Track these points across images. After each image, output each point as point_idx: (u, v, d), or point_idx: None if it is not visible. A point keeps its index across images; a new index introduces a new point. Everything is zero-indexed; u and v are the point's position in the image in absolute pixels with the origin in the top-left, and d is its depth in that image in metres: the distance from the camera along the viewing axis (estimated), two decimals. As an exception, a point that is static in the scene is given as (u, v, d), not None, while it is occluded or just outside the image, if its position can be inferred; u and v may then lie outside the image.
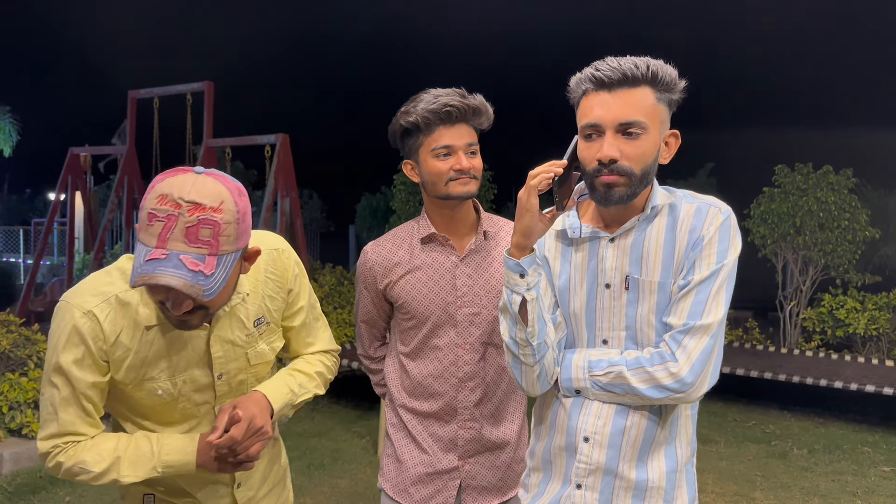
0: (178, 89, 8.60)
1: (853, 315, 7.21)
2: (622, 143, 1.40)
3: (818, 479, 4.71)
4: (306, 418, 5.90)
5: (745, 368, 6.22)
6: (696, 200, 1.50)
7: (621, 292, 1.49)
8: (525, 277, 1.44)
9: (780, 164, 7.89)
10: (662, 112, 1.44)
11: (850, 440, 5.50)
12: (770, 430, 5.78)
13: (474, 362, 1.92)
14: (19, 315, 6.92)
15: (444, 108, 1.77)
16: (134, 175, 8.84)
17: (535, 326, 1.46)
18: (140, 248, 1.28)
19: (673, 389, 1.41)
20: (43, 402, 1.47)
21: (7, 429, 4.77)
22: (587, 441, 1.51)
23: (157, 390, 1.48)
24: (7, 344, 5.12)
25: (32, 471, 4.58)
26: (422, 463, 1.96)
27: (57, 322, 1.43)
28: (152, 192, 1.29)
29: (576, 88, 1.46)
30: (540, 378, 1.52)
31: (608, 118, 1.40)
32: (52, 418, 1.46)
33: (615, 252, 1.50)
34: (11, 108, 17.82)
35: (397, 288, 1.94)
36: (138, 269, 1.26)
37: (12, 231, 18.72)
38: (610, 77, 1.39)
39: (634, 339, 1.50)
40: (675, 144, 1.50)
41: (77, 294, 1.43)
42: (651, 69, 1.39)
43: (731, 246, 1.45)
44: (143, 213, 1.29)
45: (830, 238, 7.50)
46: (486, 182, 9.42)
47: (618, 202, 1.43)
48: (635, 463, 1.50)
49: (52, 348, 1.43)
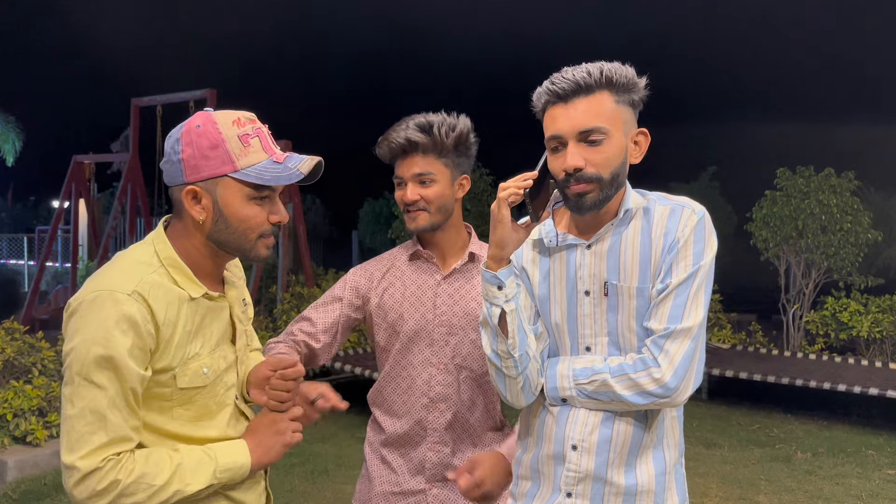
0: (180, 97, 8.64)
1: (856, 318, 7.20)
2: (585, 151, 1.42)
3: (822, 482, 4.70)
4: (309, 424, 5.90)
5: (749, 372, 6.21)
6: (669, 202, 1.50)
7: (601, 299, 1.50)
8: (503, 289, 1.45)
9: (781, 167, 7.89)
10: (624, 113, 1.45)
11: (854, 443, 5.49)
12: (774, 434, 5.78)
13: (447, 384, 1.89)
14: (23, 322, 6.94)
15: (390, 143, 1.82)
16: (137, 182, 8.87)
17: (515, 338, 1.47)
18: (256, 167, 1.35)
19: (657, 395, 1.42)
20: (78, 412, 1.26)
21: (12, 436, 4.79)
22: (575, 449, 1.51)
23: (202, 368, 1.40)
24: (11, 351, 5.14)
25: (37, 478, 4.59)
26: (388, 482, 1.94)
27: (95, 314, 1.28)
28: (220, 125, 1.34)
29: (537, 103, 1.48)
30: (524, 389, 1.53)
31: (567, 128, 1.42)
32: (97, 426, 1.26)
33: (592, 259, 1.51)
34: (16, 117, 17.89)
35: (379, 299, 1.94)
36: (278, 175, 1.35)
37: (17, 238, 18.77)
38: (564, 89, 1.42)
39: (617, 344, 1.50)
40: (646, 142, 1.51)
41: (111, 281, 1.31)
42: (605, 74, 1.41)
43: (706, 247, 1.46)
44: (230, 143, 1.34)
45: (833, 241, 7.50)
46: (488, 187, 9.45)
47: (591, 209, 1.44)
48: (624, 468, 1.50)
49: (91, 343, 1.26)
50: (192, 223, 1.39)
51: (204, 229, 1.39)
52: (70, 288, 9.53)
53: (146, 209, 9.23)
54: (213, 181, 1.35)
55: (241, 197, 1.37)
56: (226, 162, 1.34)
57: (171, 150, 1.36)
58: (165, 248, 1.39)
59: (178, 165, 1.35)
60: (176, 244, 1.41)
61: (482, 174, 9.49)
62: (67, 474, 1.26)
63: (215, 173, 1.34)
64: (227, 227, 1.38)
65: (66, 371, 1.29)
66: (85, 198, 9.76)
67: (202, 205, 1.36)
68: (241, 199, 1.37)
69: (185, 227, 1.40)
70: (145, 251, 1.39)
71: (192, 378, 1.39)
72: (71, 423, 1.26)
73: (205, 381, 1.41)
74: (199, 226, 1.39)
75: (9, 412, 4.77)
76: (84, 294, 1.31)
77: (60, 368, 5.32)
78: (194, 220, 1.38)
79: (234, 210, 1.37)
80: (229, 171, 1.34)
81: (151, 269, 1.36)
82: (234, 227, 1.38)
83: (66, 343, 1.30)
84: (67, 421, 1.27)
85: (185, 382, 1.38)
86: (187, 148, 1.34)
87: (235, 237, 1.39)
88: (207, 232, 1.39)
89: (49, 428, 4.90)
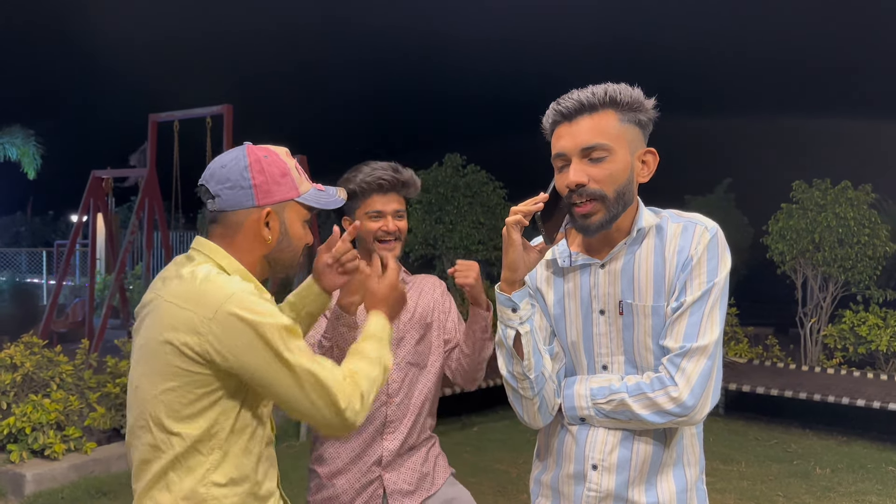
0: (197, 112, 8.74)
1: (875, 332, 7.13)
2: (588, 168, 1.43)
3: (841, 499, 4.64)
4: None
5: (766, 386, 6.16)
6: (681, 220, 1.51)
7: (616, 317, 1.51)
8: (517, 311, 1.46)
9: (797, 180, 7.85)
10: (630, 132, 1.46)
11: (873, 459, 5.42)
12: (792, 450, 5.71)
13: (400, 380, 2.17)
14: (42, 336, 7.00)
15: (377, 180, 2.11)
16: (154, 197, 8.96)
17: (531, 359, 1.48)
18: (310, 194, 1.56)
19: (675, 414, 1.42)
20: (307, 374, 1.38)
21: (30, 450, 4.83)
22: (595, 469, 1.52)
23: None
24: (30, 366, 5.19)
25: (54, 492, 4.62)
26: (348, 480, 2.16)
27: (247, 304, 1.36)
28: (280, 156, 1.53)
29: (545, 124, 1.52)
30: (541, 410, 1.54)
31: (571, 146, 1.44)
32: (330, 373, 1.42)
33: (606, 278, 1.51)
34: (36, 132, 18.14)
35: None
36: (328, 200, 1.60)
37: (35, 252, 18.99)
38: (569, 108, 1.45)
39: (633, 363, 1.51)
40: (654, 162, 1.51)
41: (227, 284, 1.40)
42: (609, 94, 1.44)
43: (720, 263, 1.46)
44: (293, 172, 1.53)
45: (850, 254, 7.43)
46: (501, 201, 9.44)
47: (598, 229, 1.45)
48: (644, 487, 1.51)
49: (261, 320, 1.36)
50: (254, 242, 1.51)
51: (267, 249, 1.52)
52: (87, 302, 9.61)
53: (163, 223, 9.31)
54: (281, 205, 1.51)
55: (300, 219, 1.56)
56: (292, 188, 1.52)
57: (238, 178, 1.47)
58: (230, 262, 1.49)
59: (248, 191, 1.47)
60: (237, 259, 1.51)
61: (495, 188, 9.50)
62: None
63: (285, 197, 1.51)
64: (288, 246, 1.55)
65: (272, 349, 1.37)
66: (103, 212, 9.86)
67: (271, 226, 1.50)
68: (299, 221, 1.56)
69: (240, 247, 1.51)
70: (207, 266, 1.45)
71: None
72: (314, 383, 1.39)
73: None
74: (261, 246, 1.52)
75: (27, 426, 4.82)
76: (217, 302, 1.36)
77: (79, 382, 5.38)
78: (262, 239, 1.50)
79: (295, 231, 1.55)
80: (295, 196, 1.53)
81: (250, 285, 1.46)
82: (293, 246, 1.56)
83: (237, 349, 1.36)
84: (307, 384, 1.39)
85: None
86: (259, 175, 1.48)
87: (291, 255, 1.57)
88: (269, 252, 1.53)
89: (67, 442, 4.94)
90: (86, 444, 5.02)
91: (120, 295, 9.40)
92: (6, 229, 27.07)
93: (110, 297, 8.59)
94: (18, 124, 17.92)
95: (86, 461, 4.93)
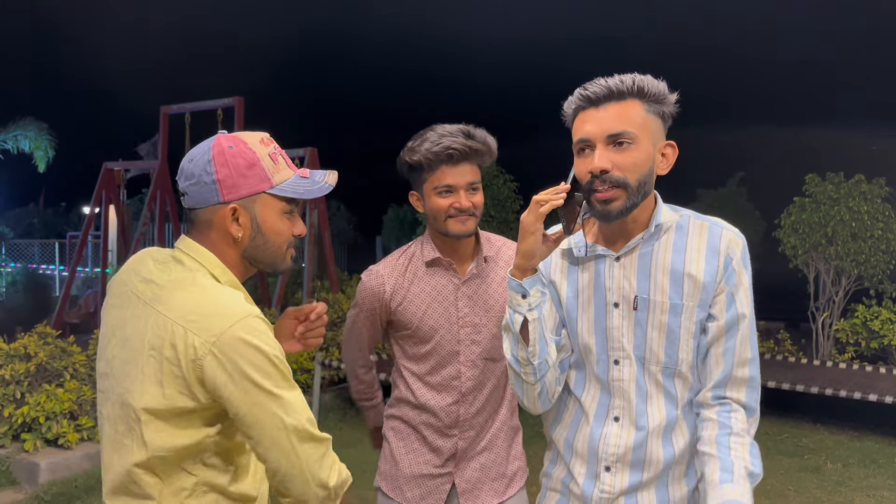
0: (209, 105, 8.77)
1: (888, 326, 7.08)
2: (613, 155, 1.43)
3: (853, 493, 4.62)
4: (334, 429, 5.93)
5: (777, 381, 6.13)
6: (704, 219, 1.53)
7: (630, 312, 1.51)
8: (527, 298, 1.46)
9: (810, 174, 7.79)
10: (654, 123, 1.47)
11: (885, 454, 5.39)
12: (803, 444, 5.69)
13: (475, 377, 2.03)
14: (55, 326, 7.06)
15: (446, 150, 1.86)
16: (166, 189, 9.00)
17: (536, 346, 1.48)
18: (288, 183, 1.42)
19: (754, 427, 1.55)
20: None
21: (44, 439, 4.87)
22: (608, 470, 1.52)
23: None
24: (44, 356, 5.23)
25: (68, 480, 4.66)
26: (418, 463, 2.08)
27: (256, 334, 1.31)
28: (251, 144, 1.39)
29: (567, 110, 1.51)
30: (541, 396, 1.55)
31: (597, 131, 1.44)
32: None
33: (622, 271, 1.51)
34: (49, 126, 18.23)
35: (403, 308, 2.03)
36: (310, 188, 1.44)
37: (48, 244, 19.13)
38: (597, 94, 1.45)
39: (643, 358, 1.51)
40: (673, 155, 1.52)
41: (237, 307, 1.33)
42: (637, 83, 1.44)
43: (749, 275, 1.52)
44: (265, 162, 1.39)
45: (863, 248, 7.38)
46: (512, 194, 9.43)
47: (618, 216, 1.45)
48: (656, 486, 1.51)
49: (266, 352, 1.32)
50: (226, 241, 1.41)
51: (240, 246, 1.42)
52: (99, 293, 9.67)
53: (175, 215, 9.36)
54: (251, 199, 1.39)
55: (276, 212, 1.42)
56: (263, 179, 1.39)
57: (201, 173, 1.37)
58: (224, 272, 1.41)
59: (211, 186, 1.37)
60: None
61: (506, 181, 9.48)
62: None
63: (254, 191, 1.39)
64: (264, 241, 1.43)
65: (263, 386, 1.30)
66: (115, 204, 9.92)
67: (241, 223, 1.39)
68: (276, 214, 1.43)
69: (216, 246, 1.42)
70: (203, 276, 1.38)
71: None
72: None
73: None
74: (233, 243, 1.42)
75: (41, 415, 4.86)
76: (222, 326, 1.28)
77: (92, 373, 5.41)
78: (231, 237, 1.40)
79: (270, 225, 1.42)
80: (267, 188, 1.40)
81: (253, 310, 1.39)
82: (270, 242, 1.44)
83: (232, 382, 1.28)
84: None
85: None
86: (222, 169, 1.37)
87: (271, 251, 1.45)
88: (243, 249, 1.43)
89: (80, 431, 4.98)
90: (98, 434, 5.05)
91: (132, 286, 9.44)
92: (19, 221, 27.23)
93: (122, 288, 8.63)
94: (31, 117, 18.01)
95: (99, 450, 4.96)
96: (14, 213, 28.02)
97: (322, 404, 6.21)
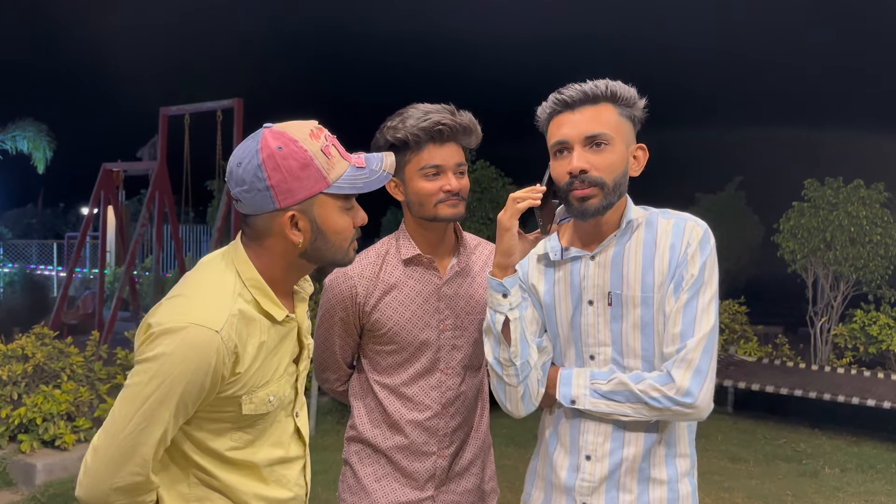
0: (208, 106, 8.75)
1: (886, 331, 7.08)
2: (590, 156, 1.48)
3: (850, 499, 4.62)
4: (332, 431, 5.93)
5: (775, 385, 6.13)
6: (672, 216, 1.57)
7: (605, 308, 1.55)
8: (508, 297, 1.50)
9: (809, 179, 7.80)
10: (626, 127, 1.53)
11: (883, 459, 5.39)
12: (801, 449, 5.69)
13: (455, 387, 1.84)
14: (53, 327, 7.05)
15: (435, 126, 1.69)
16: (165, 190, 8.99)
17: (517, 346, 1.51)
18: (345, 177, 1.33)
19: (681, 403, 1.44)
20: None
21: (41, 440, 4.86)
22: (589, 459, 1.55)
23: (269, 396, 1.37)
24: (41, 357, 5.22)
25: (65, 481, 4.65)
26: (393, 490, 1.86)
27: (180, 352, 1.24)
28: (301, 142, 1.29)
29: (541, 115, 1.56)
30: (524, 399, 1.57)
31: (574, 133, 1.49)
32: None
33: (596, 269, 1.56)
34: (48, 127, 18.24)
35: (378, 312, 1.81)
36: (368, 180, 1.35)
37: (46, 245, 19.08)
38: (573, 97, 1.50)
39: (620, 352, 1.55)
40: (644, 157, 1.58)
41: (201, 312, 1.27)
42: (610, 88, 1.50)
43: (709, 258, 1.51)
44: (318, 159, 1.29)
45: (862, 253, 7.39)
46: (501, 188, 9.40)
47: (595, 214, 1.49)
48: (636, 477, 1.54)
49: (170, 381, 1.25)
50: (285, 247, 1.35)
51: (300, 250, 1.35)
52: (97, 294, 9.65)
53: (173, 216, 9.35)
54: (308, 202, 1.31)
55: (336, 210, 1.35)
56: (319, 179, 1.30)
57: (252, 179, 1.28)
58: (248, 269, 1.35)
59: (265, 193, 1.28)
60: (259, 264, 1.36)
61: (504, 184, 9.46)
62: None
63: (311, 193, 1.30)
64: (325, 242, 1.36)
65: (135, 383, 1.25)
66: (113, 205, 9.90)
67: (300, 227, 1.32)
68: (336, 212, 1.35)
69: (272, 250, 1.35)
70: (228, 274, 1.35)
71: (257, 406, 1.36)
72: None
73: (269, 409, 1.38)
74: (293, 248, 1.35)
75: (38, 416, 4.85)
76: (171, 320, 1.25)
77: (90, 374, 5.40)
78: (291, 243, 1.33)
79: (331, 224, 1.35)
80: (324, 188, 1.31)
81: (236, 293, 1.32)
82: (332, 241, 1.36)
83: (144, 362, 1.25)
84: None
85: (249, 410, 1.35)
86: (274, 173, 1.27)
87: (333, 250, 1.38)
88: (303, 251, 1.36)
89: (77, 432, 4.97)
90: (96, 435, 5.05)
91: (130, 287, 9.45)
92: (17, 221, 27.20)
93: (120, 289, 8.64)
94: (30, 117, 18.01)
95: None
96: (12, 214, 27.99)
97: (319, 406, 6.20)
